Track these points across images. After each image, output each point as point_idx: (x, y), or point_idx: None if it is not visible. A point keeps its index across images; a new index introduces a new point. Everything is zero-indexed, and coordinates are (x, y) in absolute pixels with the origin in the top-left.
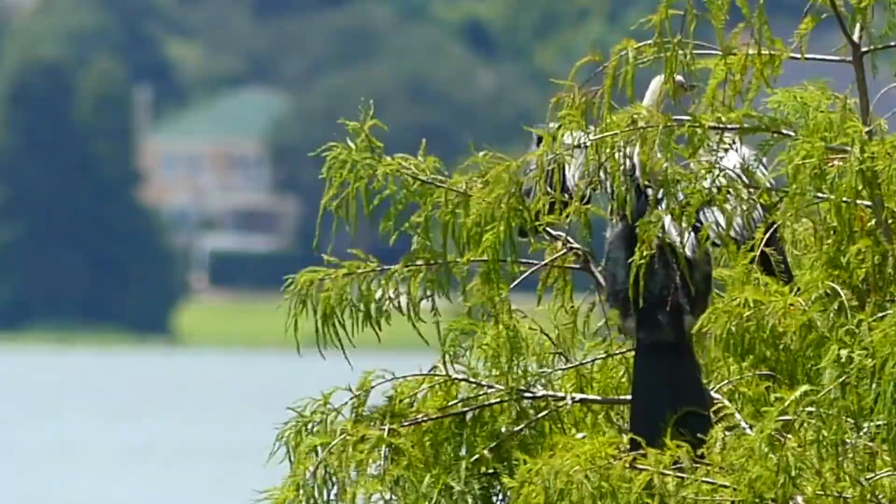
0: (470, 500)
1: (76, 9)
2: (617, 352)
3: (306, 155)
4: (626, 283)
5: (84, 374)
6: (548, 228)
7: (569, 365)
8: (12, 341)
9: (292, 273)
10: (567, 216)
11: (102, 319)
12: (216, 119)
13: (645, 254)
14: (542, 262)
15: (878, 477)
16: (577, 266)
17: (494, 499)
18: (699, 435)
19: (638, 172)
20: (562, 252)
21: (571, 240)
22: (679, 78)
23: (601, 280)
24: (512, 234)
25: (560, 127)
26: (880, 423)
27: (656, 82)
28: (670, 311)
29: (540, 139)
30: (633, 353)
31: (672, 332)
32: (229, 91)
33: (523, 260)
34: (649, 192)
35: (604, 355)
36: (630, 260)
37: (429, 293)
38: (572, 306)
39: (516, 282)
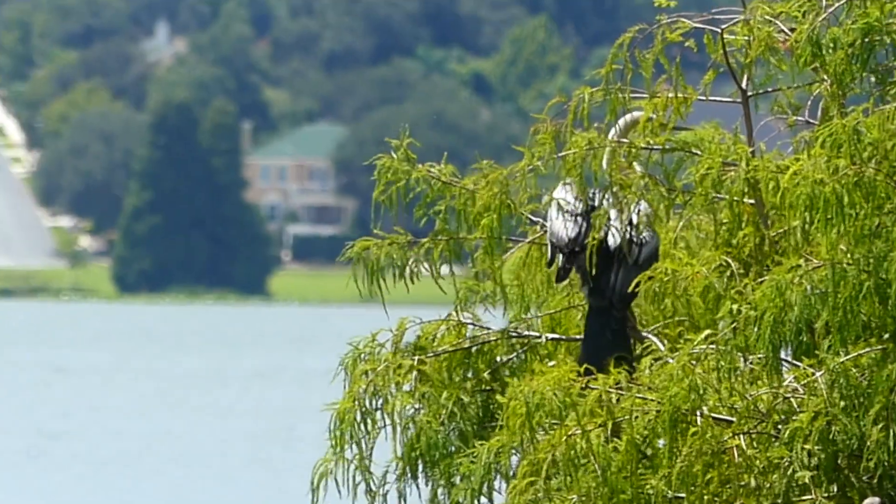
0: (473, 410)
1: (199, 64)
2: (577, 304)
3: (361, 165)
4: (586, 274)
5: (206, 323)
6: (529, 215)
7: (543, 313)
8: (156, 299)
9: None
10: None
11: (218, 284)
12: (297, 142)
13: (595, 238)
14: (526, 240)
15: (758, 394)
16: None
17: (490, 409)
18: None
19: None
20: (539, 234)
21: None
22: (638, 114)
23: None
24: (503, 220)
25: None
26: (760, 356)
27: (623, 119)
28: (611, 285)
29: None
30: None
31: (612, 300)
32: (306, 123)
33: (512, 238)
34: (611, 236)
35: (567, 306)
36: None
37: (446, 260)
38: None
39: (507, 253)
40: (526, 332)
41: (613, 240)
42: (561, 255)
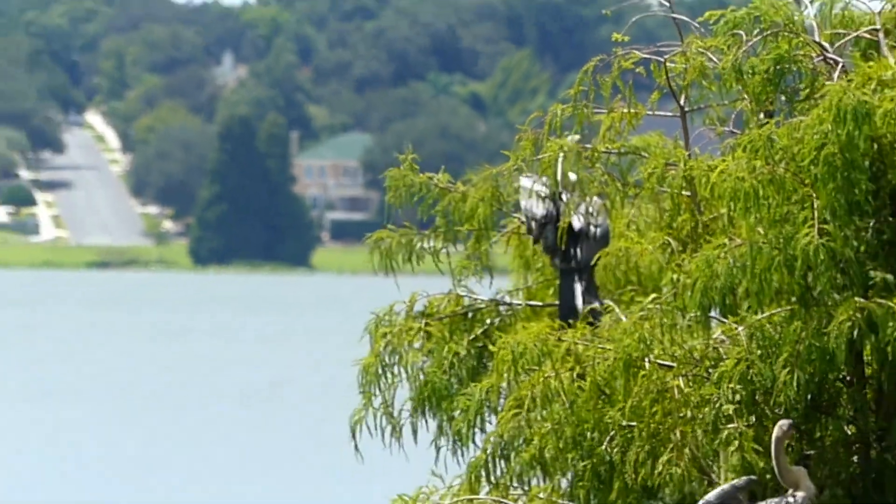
0: (469, 361)
1: (257, 86)
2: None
3: (383, 166)
4: (554, 242)
5: (262, 289)
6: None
7: (524, 285)
8: (223, 270)
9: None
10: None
11: (271, 258)
12: (333, 148)
13: (565, 221)
14: (508, 230)
15: (693, 344)
16: (526, 234)
17: (483, 360)
18: (593, 321)
19: (560, 178)
20: (519, 224)
21: (524, 218)
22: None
23: (542, 242)
24: (491, 213)
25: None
26: (694, 314)
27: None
28: (576, 254)
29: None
30: (557, 281)
31: (577, 265)
32: (340, 133)
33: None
34: (564, 195)
35: (542, 280)
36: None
37: (445, 246)
38: (526, 253)
39: (493, 240)
40: (509, 301)
41: (578, 222)
42: (535, 224)
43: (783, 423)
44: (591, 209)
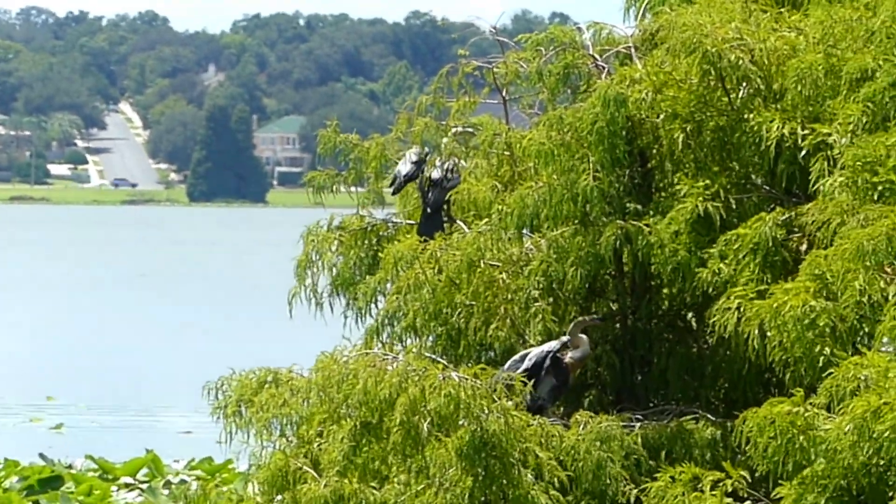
0: (367, 261)
1: (230, 87)
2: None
3: (312, 137)
4: (431, 201)
5: (234, 218)
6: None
7: (403, 210)
8: (209, 205)
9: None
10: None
11: (240, 197)
12: (280, 126)
13: (429, 173)
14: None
15: (512, 251)
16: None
17: (377, 260)
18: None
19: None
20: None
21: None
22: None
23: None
24: (382, 164)
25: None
26: (512, 231)
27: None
28: (433, 195)
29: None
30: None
31: (433, 203)
32: (285, 116)
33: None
34: (435, 172)
35: (416, 207)
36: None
37: (355, 184)
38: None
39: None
40: (395, 221)
41: (437, 173)
42: (398, 180)
43: (589, 317)
44: (447, 165)
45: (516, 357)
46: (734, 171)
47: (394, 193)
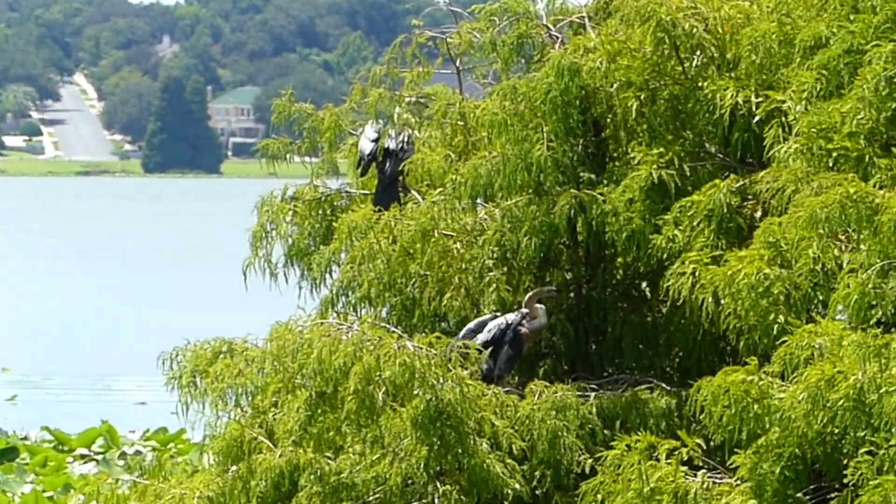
0: (321, 230)
1: (185, 58)
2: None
3: (267, 108)
4: (386, 170)
5: (189, 189)
6: (350, 131)
7: (361, 191)
8: (164, 176)
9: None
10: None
11: (195, 168)
12: (235, 97)
13: (381, 145)
14: (348, 144)
15: (466, 220)
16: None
17: (331, 230)
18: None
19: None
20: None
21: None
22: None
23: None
24: (336, 135)
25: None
26: (466, 201)
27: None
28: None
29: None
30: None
31: (389, 174)
32: (239, 87)
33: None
34: (390, 143)
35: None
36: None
37: (308, 153)
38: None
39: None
40: (349, 191)
41: (392, 144)
42: (363, 161)
43: (544, 289)
44: (402, 136)
45: (471, 325)
46: (688, 140)
47: (361, 175)
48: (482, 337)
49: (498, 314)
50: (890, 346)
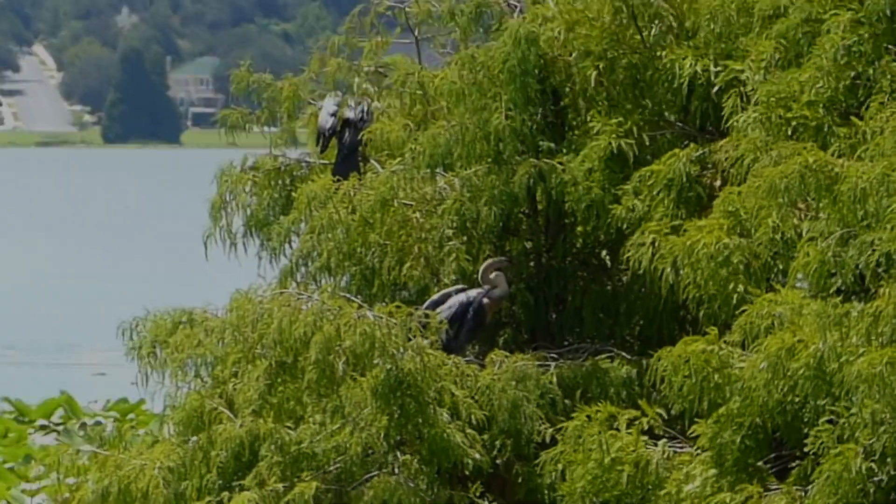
0: (280, 201)
1: (144, 28)
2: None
3: (226, 77)
4: (345, 140)
5: (149, 159)
6: (309, 100)
7: (320, 161)
8: (123, 146)
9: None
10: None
11: (155, 138)
12: (194, 67)
13: (340, 115)
14: (308, 114)
15: (425, 190)
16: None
17: (290, 199)
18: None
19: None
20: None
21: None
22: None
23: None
24: (296, 104)
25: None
26: (425, 170)
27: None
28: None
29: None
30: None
31: (348, 144)
32: (199, 57)
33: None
34: (349, 113)
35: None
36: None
37: (268, 123)
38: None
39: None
40: (309, 161)
41: (351, 114)
42: (323, 137)
43: (499, 259)
44: (361, 106)
45: (435, 297)
46: (647, 109)
47: (322, 151)
48: (445, 313)
49: (462, 287)
50: (850, 315)
